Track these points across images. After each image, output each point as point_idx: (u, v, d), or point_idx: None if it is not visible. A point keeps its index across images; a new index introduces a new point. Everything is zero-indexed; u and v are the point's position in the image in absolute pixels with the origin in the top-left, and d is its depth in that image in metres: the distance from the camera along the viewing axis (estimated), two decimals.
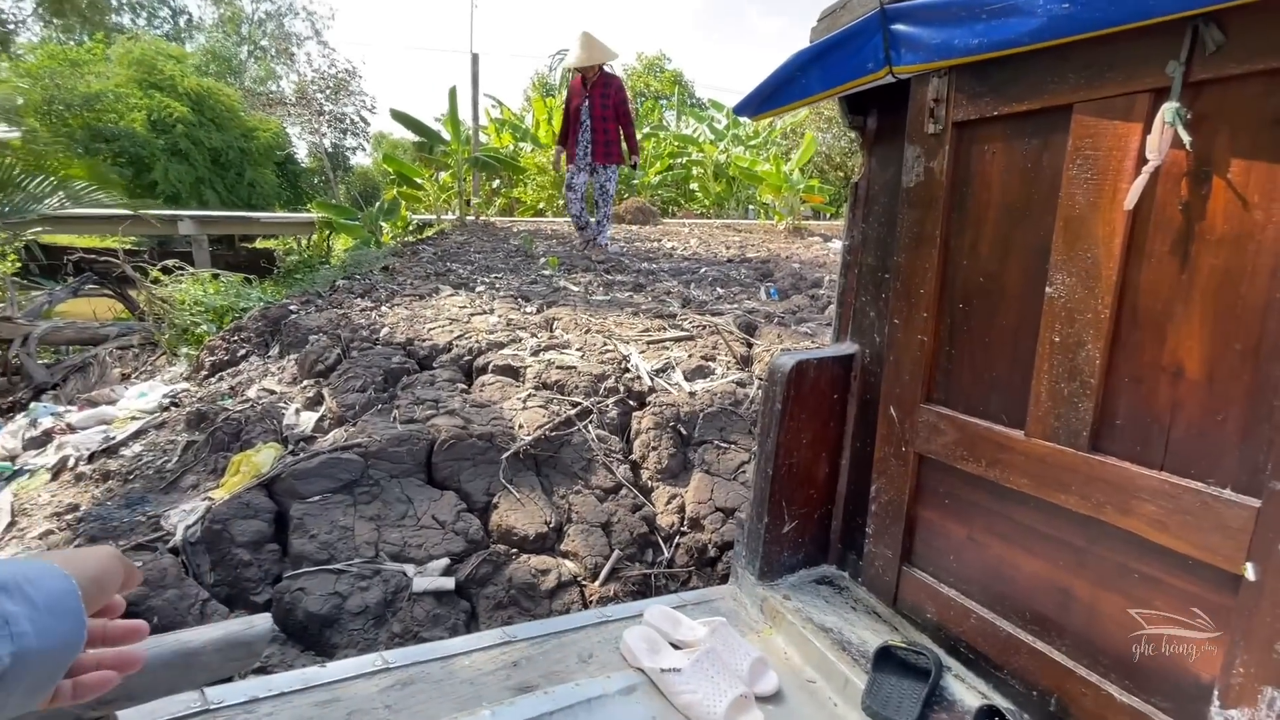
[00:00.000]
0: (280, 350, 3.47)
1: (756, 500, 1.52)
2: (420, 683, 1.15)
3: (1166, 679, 0.98)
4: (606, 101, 5.37)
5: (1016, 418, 1.15)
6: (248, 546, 1.82)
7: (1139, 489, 0.97)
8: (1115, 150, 0.96)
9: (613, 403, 2.58)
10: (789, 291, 5.12)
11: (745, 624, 1.47)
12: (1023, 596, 1.17)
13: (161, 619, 1.61)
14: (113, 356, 4.47)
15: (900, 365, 1.36)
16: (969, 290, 1.23)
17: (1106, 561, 1.04)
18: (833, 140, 16.10)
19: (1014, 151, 1.13)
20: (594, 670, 1.25)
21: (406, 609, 1.73)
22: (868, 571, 1.48)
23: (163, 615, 1.61)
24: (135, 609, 1.60)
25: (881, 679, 1.22)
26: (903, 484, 1.37)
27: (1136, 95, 0.93)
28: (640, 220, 10.83)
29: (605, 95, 5.37)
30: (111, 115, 15.75)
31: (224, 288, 4.75)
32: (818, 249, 7.74)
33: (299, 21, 27.34)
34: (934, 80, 1.22)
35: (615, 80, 5.40)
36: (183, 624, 1.61)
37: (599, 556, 1.99)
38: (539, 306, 3.96)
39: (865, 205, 1.50)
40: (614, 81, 5.37)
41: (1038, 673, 1.13)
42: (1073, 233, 1.03)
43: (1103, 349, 1.00)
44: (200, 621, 1.62)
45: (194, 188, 16.95)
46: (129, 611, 1.70)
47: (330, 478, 2.01)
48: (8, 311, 4.73)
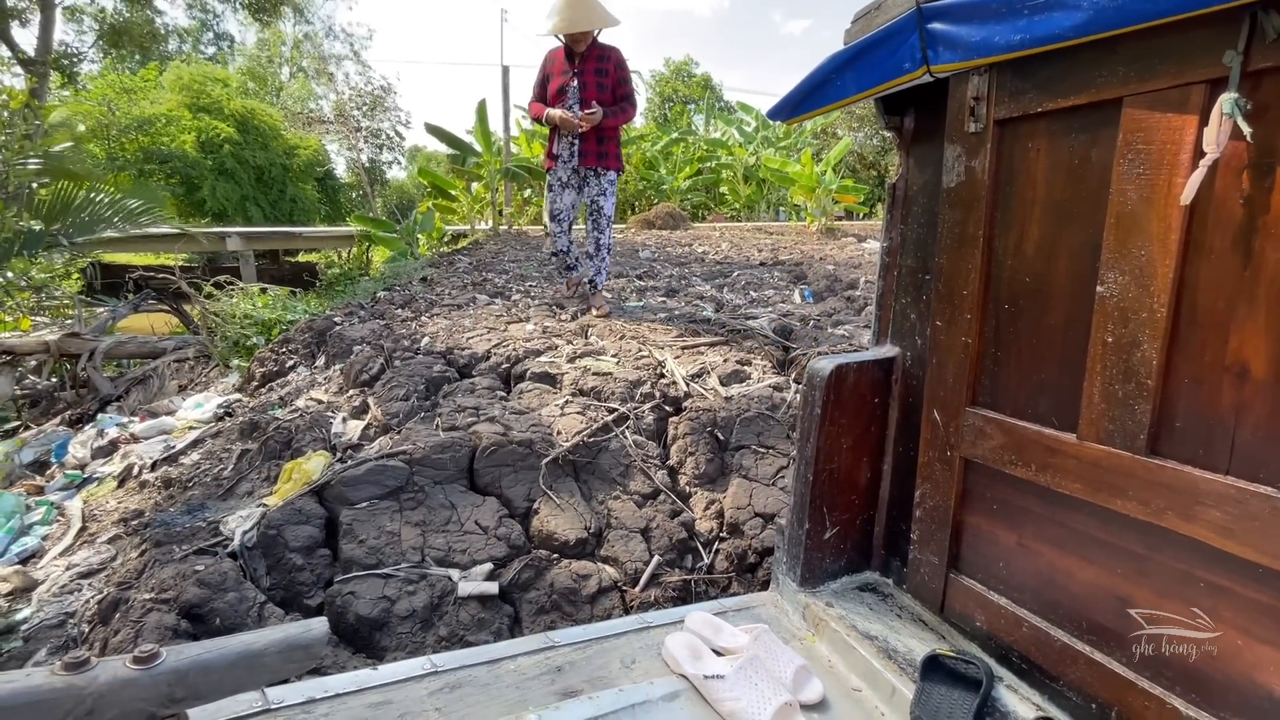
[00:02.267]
0: (326, 361, 3.58)
1: (797, 506, 1.51)
2: (468, 686, 1.17)
3: (1236, 692, 0.94)
4: (604, 80, 3.67)
5: (1068, 421, 1.12)
6: (301, 551, 1.88)
7: (1203, 494, 0.93)
8: (1170, 144, 0.93)
9: (649, 408, 2.59)
10: (824, 294, 5.06)
11: (787, 631, 1.46)
12: (1079, 605, 1.14)
13: (223, 620, 1.67)
14: (170, 369, 4.69)
15: (944, 368, 1.33)
16: (1014, 291, 1.20)
17: (1169, 569, 1.01)
18: (865, 139, 15.88)
19: (1060, 148, 1.10)
20: (637, 676, 1.25)
21: (452, 613, 1.77)
22: (913, 578, 1.46)
23: (224, 617, 1.68)
24: (199, 610, 1.67)
25: (930, 688, 1.20)
26: (948, 489, 1.34)
27: (1191, 86, 0.90)
28: (670, 225, 10.86)
29: (602, 73, 3.66)
30: (164, 138, 16.53)
31: (271, 301, 4.93)
32: (852, 250, 7.64)
33: (338, 43, 28.26)
34: (974, 78, 1.20)
35: (614, 52, 3.71)
36: (242, 625, 1.67)
37: (639, 562, 2.00)
38: (574, 314, 4.00)
39: (904, 206, 1.48)
40: (613, 54, 3.70)
41: (1096, 684, 1.09)
42: (1125, 230, 1.00)
43: (1160, 349, 0.97)
44: (258, 623, 1.69)
45: (240, 205, 17.65)
46: (192, 613, 1.77)
47: (377, 484, 2.07)
48: (76, 328, 5.00)
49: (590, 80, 3.67)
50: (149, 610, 1.65)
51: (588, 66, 3.67)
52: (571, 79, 3.68)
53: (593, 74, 3.67)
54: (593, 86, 3.66)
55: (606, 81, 3.69)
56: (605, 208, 3.87)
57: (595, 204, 3.87)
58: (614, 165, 3.82)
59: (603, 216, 3.88)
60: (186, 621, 1.65)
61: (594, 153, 3.76)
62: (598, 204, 3.86)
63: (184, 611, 1.66)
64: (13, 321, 5.52)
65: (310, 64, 27.46)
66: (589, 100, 3.65)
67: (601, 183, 3.82)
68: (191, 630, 1.64)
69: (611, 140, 3.80)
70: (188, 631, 1.63)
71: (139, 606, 1.67)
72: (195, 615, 1.67)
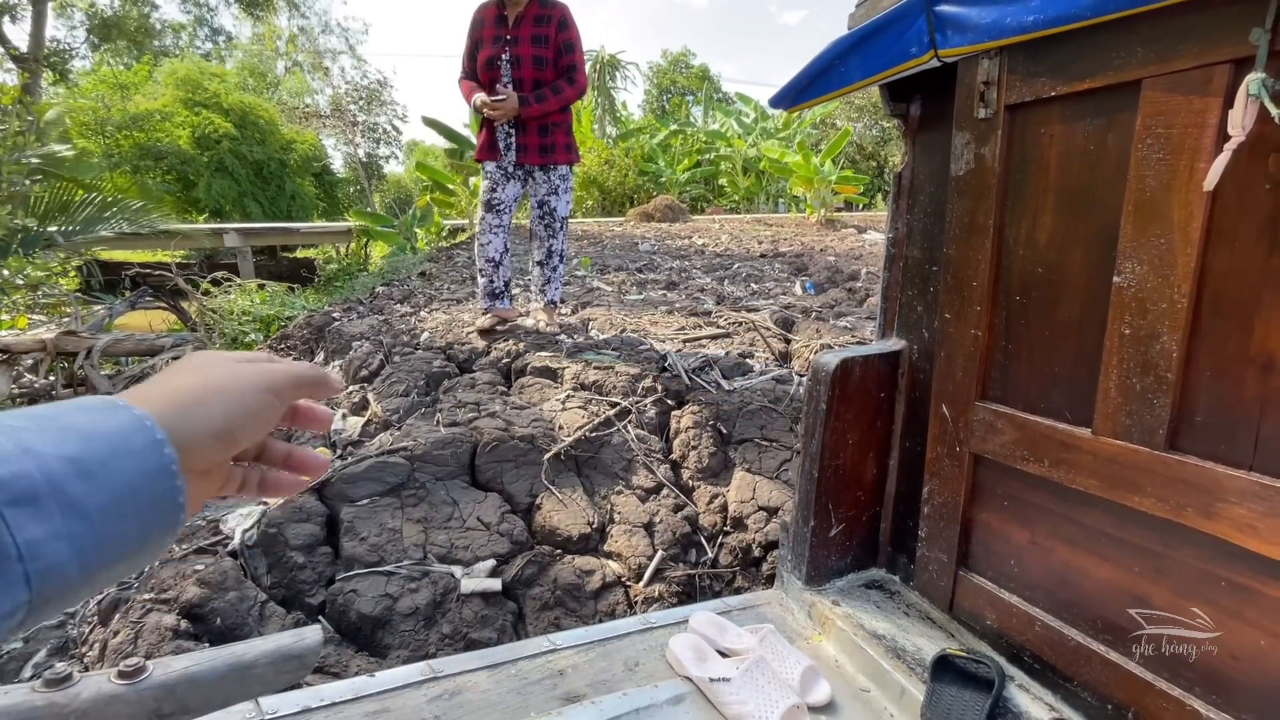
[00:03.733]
0: (325, 357, 3.55)
1: (801, 503, 1.48)
2: (468, 692, 1.14)
3: (1259, 693, 0.91)
4: (542, 51, 2.80)
5: (1082, 415, 1.09)
6: (301, 549, 1.86)
7: (1225, 490, 0.90)
8: (1191, 127, 0.89)
9: (651, 402, 2.56)
10: (825, 285, 5.03)
11: (793, 630, 1.43)
12: (1093, 604, 1.11)
13: (224, 620, 1.65)
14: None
15: (952, 362, 1.30)
16: (1026, 282, 1.17)
17: (1188, 568, 0.98)
18: (864, 129, 15.79)
19: (1074, 133, 1.06)
20: (640, 679, 1.23)
21: (455, 610, 1.75)
22: (920, 576, 1.43)
23: (225, 617, 1.66)
24: (199, 610, 1.65)
25: (941, 689, 1.17)
26: (957, 485, 1.31)
27: (1214, 67, 0.86)
28: (669, 218, 10.81)
29: (541, 37, 2.80)
30: (159, 134, 16.45)
31: (269, 297, 4.90)
32: (852, 241, 7.59)
33: (333, 38, 28.06)
34: (984, 62, 1.16)
35: (558, 9, 2.86)
36: (243, 625, 1.65)
37: (643, 557, 1.98)
38: (574, 307, 3.97)
39: (910, 196, 1.44)
40: (556, 12, 2.85)
41: (1112, 685, 1.07)
42: (1144, 217, 0.96)
43: (1180, 341, 0.93)
44: (260, 622, 1.67)
45: (237, 201, 17.59)
46: (193, 613, 1.73)
47: (378, 481, 2.05)
48: (73, 326, 4.97)
49: (526, 51, 2.78)
50: (149, 610, 1.63)
51: (523, 32, 2.79)
52: (503, 48, 2.80)
53: (529, 41, 2.78)
54: (528, 59, 2.78)
55: (546, 52, 2.81)
56: (558, 208, 3.06)
57: (544, 205, 3.04)
58: (563, 158, 2.99)
59: (555, 219, 3.07)
60: (187, 621, 1.63)
61: (535, 146, 2.93)
62: (548, 204, 3.04)
63: (184, 611, 1.64)
64: (9, 320, 5.49)
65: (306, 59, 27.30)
66: (524, 77, 2.81)
67: (551, 179, 3.02)
68: (192, 630, 1.62)
69: (559, 128, 2.95)
70: (188, 631, 1.61)
71: (139, 606, 1.64)
72: (195, 615, 1.65)
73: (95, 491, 0.28)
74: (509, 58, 2.81)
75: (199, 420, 0.34)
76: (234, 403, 0.35)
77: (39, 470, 0.27)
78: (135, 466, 0.30)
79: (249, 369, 0.38)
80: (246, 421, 0.36)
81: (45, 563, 0.27)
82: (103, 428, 0.30)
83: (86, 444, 0.29)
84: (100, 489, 0.29)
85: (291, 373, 0.39)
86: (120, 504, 0.29)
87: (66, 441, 0.28)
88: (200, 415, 0.34)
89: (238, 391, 0.36)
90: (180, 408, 0.34)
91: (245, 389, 0.36)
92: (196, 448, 0.33)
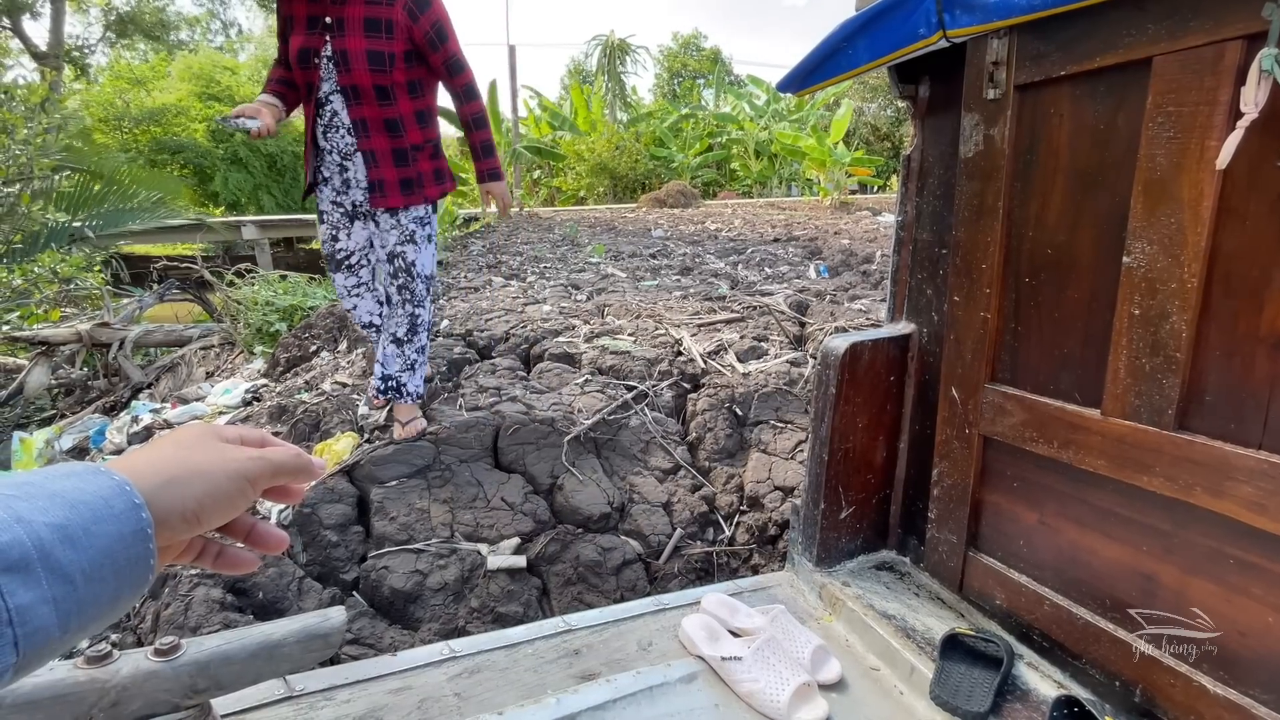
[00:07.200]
0: (348, 345, 3.62)
1: (812, 486, 1.50)
2: (486, 671, 1.19)
3: (1266, 669, 0.92)
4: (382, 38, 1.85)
5: (1091, 396, 1.09)
6: (335, 528, 1.94)
7: (1234, 469, 0.90)
8: (1203, 105, 0.88)
9: (667, 386, 2.59)
10: (839, 269, 4.99)
11: (804, 611, 1.45)
12: (1102, 583, 1.12)
13: (265, 594, 1.75)
14: (197, 356, 4.77)
15: (962, 344, 1.30)
16: (1036, 263, 1.16)
17: (1197, 546, 0.98)
18: (878, 110, 15.49)
19: (1084, 113, 1.05)
20: (654, 658, 1.26)
21: (483, 585, 1.82)
22: (930, 557, 1.44)
23: (266, 590, 1.75)
24: (241, 584, 1.74)
25: (950, 667, 1.19)
26: (967, 467, 1.32)
27: (1226, 43, 0.85)
28: (682, 203, 10.74)
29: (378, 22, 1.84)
30: (176, 128, 16.64)
31: (291, 288, 4.98)
32: (867, 224, 7.49)
33: None
34: (992, 42, 1.15)
35: None
36: (283, 598, 1.75)
37: (661, 535, 2.02)
38: (589, 294, 3.99)
39: (919, 178, 1.44)
40: None
41: (1120, 662, 1.08)
42: (1154, 197, 0.95)
43: (1190, 321, 0.93)
44: (298, 597, 1.77)
45: (253, 194, 17.77)
46: (236, 587, 1.83)
47: (405, 463, 2.12)
48: (106, 318, 5.10)
49: (356, 44, 1.83)
50: (196, 585, 1.72)
51: (351, 12, 1.83)
52: (322, 37, 1.86)
53: (360, 26, 1.83)
54: (360, 56, 1.83)
55: (390, 45, 1.85)
56: (417, 262, 2.09)
57: (397, 258, 2.07)
58: (426, 194, 2.04)
59: (415, 278, 2.10)
60: (231, 595, 1.73)
61: (392, 181, 1.97)
62: (402, 257, 2.07)
63: (228, 586, 1.74)
64: (43, 313, 5.65)
65: None
66: (357, 85, 1.86)
67: (403, 223, 2.04)
68: (237, 604, 1.72)
69: (422, 154, 2.01)
70: (233, 604, 1.71)
71: (186, 581, 1.73)
72: (239, 589, 1.75)
73: (79, 558, 0.30)
74: (330, 54, 1.86)
75: (173, 498, 0.35)
76: (209, 486, 0.37)
77: (30, 538, 0.29)
78: (115, 530, 0.32)
79: (233, 454, 0.39)
80: (217, 506, 0.37)
81: (33, 626, 0.28)
82: (86, 494, 0.32)
83: (71, 511, 0.31)
84: (84, 555, 0.30)
85: (272, 464, 0.41)
86: (100, 568, 0.31)
87: (54, 509, 0.30)
88: (175, 493, 0.36)
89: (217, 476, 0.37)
90: (160, 480, 0.35)
91: (223, 474, 0.38)
92: (166, 522, 0.35)
